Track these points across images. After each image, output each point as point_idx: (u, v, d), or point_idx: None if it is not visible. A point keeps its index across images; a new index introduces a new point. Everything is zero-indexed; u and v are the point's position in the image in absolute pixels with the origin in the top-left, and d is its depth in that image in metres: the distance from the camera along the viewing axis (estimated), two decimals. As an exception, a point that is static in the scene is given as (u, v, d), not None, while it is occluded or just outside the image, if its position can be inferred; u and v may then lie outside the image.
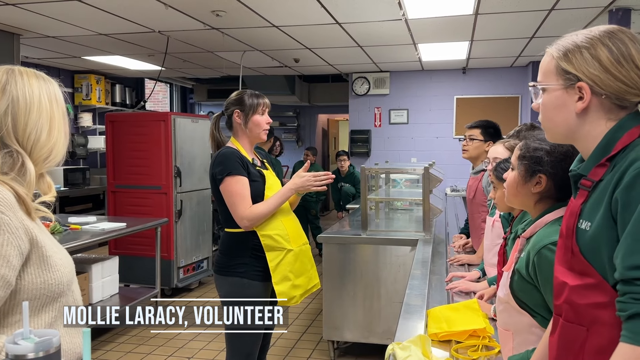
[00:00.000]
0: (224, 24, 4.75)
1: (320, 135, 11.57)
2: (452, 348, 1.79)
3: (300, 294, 2.39)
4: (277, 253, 2.33)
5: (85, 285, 4.22)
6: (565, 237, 1.09)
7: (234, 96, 2.50)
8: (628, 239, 0.94)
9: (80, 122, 7.61)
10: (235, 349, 2.41)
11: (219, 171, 2.32)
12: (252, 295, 2.35)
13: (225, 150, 2.39)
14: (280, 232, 2.36)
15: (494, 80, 7.43)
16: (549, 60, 1.13)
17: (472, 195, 3.09)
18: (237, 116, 2.44)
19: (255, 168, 2.43)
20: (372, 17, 4.57)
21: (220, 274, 2.41)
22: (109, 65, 7.06)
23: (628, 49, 1.04)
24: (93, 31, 5.06)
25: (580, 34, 1.10)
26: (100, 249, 6.81)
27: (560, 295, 1.10)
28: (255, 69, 7.42)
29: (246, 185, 2.32)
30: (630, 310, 0.92)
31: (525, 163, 1.41)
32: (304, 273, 2.41)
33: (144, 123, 5.37)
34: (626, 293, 0.94)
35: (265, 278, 2.36)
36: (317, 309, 4.95)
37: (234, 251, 2.38)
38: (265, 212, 2.32)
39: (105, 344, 4.15)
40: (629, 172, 0.97)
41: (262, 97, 2.48)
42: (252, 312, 2.39)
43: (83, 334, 0.96)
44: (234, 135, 2.50)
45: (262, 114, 2.46)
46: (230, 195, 2.31)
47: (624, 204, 0.97)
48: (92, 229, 4.09)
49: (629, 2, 4.09)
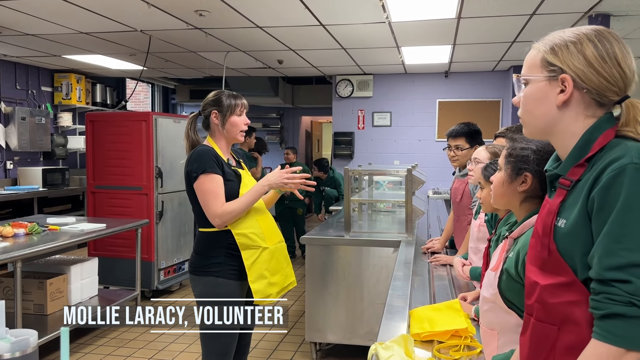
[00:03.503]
0: (207, 23, 4.72)
1: (303, 137, 11.56)
2: (434, 348, 1.79)
3: (277, 291, 2.39)
4: (252, 251, 2.32)
5: (64, 287, 4.15)
6: (541, 235, 1.10)
7: (212, 96, 2.47)
8: (605, 240, 0.96)
9: (59, 122, 7.49)
10: (210, 349, 2.40)
11: (194, 169, 2.31)
12: (227, 294, 2.33)
13: (200, 148, 2.37)
14: (255, 230, 2.34)
15: (476, 84, 7.51)
16: (534, 53, 1.15)
17: (459, 198, 3.11)
18: (215, 117, 2.42)
19: (231, 168, 2.41)
20: (356, 20, 4.58)
21: (195, 274, 2.39)
22: (89, 64, 6.96)
23: (612, 48, 1.07)
24: (74, 29, 4.99)
25: (568, 31, 1.12)
26: (79, 250, 6.71)
27: (532, 295, 1.12)
28: (238, 69, 7.39)
29: (220, 183, 2.31)
30: (605, 310, 0.95)
31: (512, 161, 1.44)
32: (279, 271, 2.41)
33: (124, 123, 5.30)
34: (601, 292, 0.96)
35: (240, 277, 2.35)
36: (300, 310, 4.94)
37: (208, 251, 2.36)
38: (238, 210, 2.30)
39: (84, 346, 4.08)
40: (607, 172, 0.99)
41: (240, 98, 2.47)
42: (227, 311, 2.36)
43: (61, 333, 0.94)
44: (210, 136, 2.48)
45: (239, 114, 2.44)
46: (203, 193, 2.29)
47: (600, 204, 0.99)
48: (71, 229, 4.03)
49: (608, 8, 4.17)
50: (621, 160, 0.99)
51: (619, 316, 0.93)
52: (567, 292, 1.04)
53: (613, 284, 0.94)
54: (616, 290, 0.94)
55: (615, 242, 0.95)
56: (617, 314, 0.93)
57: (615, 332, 0.93)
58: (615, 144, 1.04)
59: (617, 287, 0.94)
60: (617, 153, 1.01)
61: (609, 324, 0.94)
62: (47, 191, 6.61)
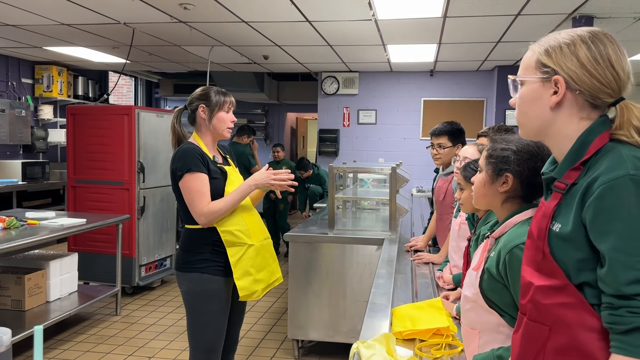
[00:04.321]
0: (191, 17, 4.67)
1: (288, 134, 11.52)
2: (416, 346, 1.80)
3: (262, 288, 2.41)
4: (238, 248, 2.33)
5: (43, 283, 4.08)
6: (536, 238, 1.11)
7: (200, 91, 2.47)
8: (618, 255, 0.95)
9: (40, 115, 7.37)
10: (197, 345, 2.39)
11: (179, 167, 2.30)
12: (213, 290, 2.34)
13: (186, 146, 2.36)
14: (241, 227, 2.35)
15: (461, 84, 7.55)
16: (530, 55, 1.15)
17: (442, 197, 3.12)
18: (202, 111, 2.42)
19: (217, 165, 2.40)
20: (343, 17, 4.57)
21: (181, 270, 2.39)
22: (71, 56, 6.85)
23: (606, 49, 1.07)
24: (55, 21, 4.90)
25: (564, 32, 1.12)
26: (59, 246, 6.61)
27: (526, 294, 1.12)
28: (223, 64, 7.33)
29: (205, 182, 2.30)
30: (630, 324, 0.93)
31: (493, 162, 1.44)
32: (265, 267, 2.42)
33: (106, 117, 5.23)
34: (622, 307, 0.95)
35: (226, 273, 2.35)
36: (282, 308, 4.93)
37: (194, 247, 2.36)
38: (223, 209, 2.31)
39: (62, 342, 4.02)
40: (601, 182, 0.98)
41: (228, 95, 2.47)
42: (213, 306, 2.33)
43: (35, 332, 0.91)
44: (196, 131, 2.47)
45: (227, 111, 2.45)
46: (188, 192, 2.30)
47: (597, 215, 0.98)
48: (51, 224, 3.96)
49: (591, 10, 4.21)
50: (616, 171, 0.98)
51: None
52: (560, 295, 1.04)
53: (635, 298, 0.93)
54: (638, 304, 0.93)
55: (628, 255, 0.94)
56: None
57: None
58: (610, 148, 1.03)
59: (639, 301, 0.93)
60: (611, 161, 1.00)
61: (634, 337, 0.93)
62: (26, 185, 6.49)
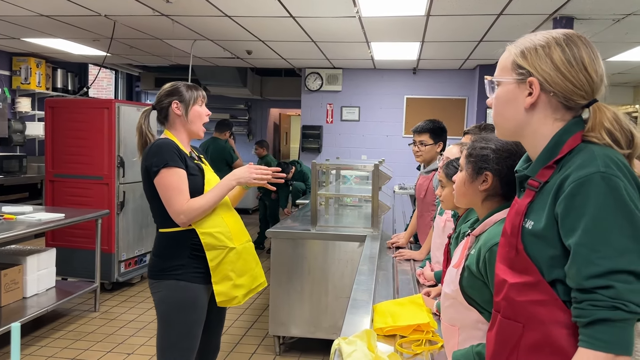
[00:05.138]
0: (174, 11, 4.62)
1: (271, 130, 11.48)
2: (397, 342, 1.81)
3: (243, 294, 2.24)
4: (218, 252, 2.17)
5: (20, 278, 4.01)
6: (509, 235, 1.12)
7: (169, 87, 2.30)
8: (582, 250, 0.97)
9: (17, 107, 7.22)
10: (170, 358, 2.20)
11: (154, 162, 2.13)
12: (191, 298, 2.18)
13: (161, 140, 2.20)
14: (222, 229, 2.19)
15: (443, 82, 7.60)
16: (506, 56, 1.17)
17: (423, 195, 3.14)
18: (176, 107, 2.26)
19: (194, 162, 2.26)
20: (327, 13, 4.56)
21: (155, 278, 2.20)
22: (50, 48, 6.72)
23: (580, 52, 1.09)
24: (33, 12, 4.80)
25: (540, 34, 1.14)
26: (36, 241, 6.50)
27: (500, 292, 1.13)
28: (206, 58, 7.27)
29: (184, 178, 2.15)
30: (590, 316, 0.95)
31: (472, 161, 1.46)
32: (247, 272, 2.26)
33: (86, 110, 5.14)
34: (584, 300, 0.97)
35: (206, 280, 2.19)
36: (264, 304, 4.92)
37: (170, 252, 2.18)
38: (205, 207, 2.15)
39: (40, 339, 3.96)
40: (573, 179, 1.00)
41: (198, 89, 2.33)
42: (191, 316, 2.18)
43: (12, 330, 0.90)
44: (168, 129, 2.30)
45: (201, 105, 2.32)
46: (166, 189, 2.12)
47: (567, 212, 1.00)
48: (28, 219, 3.89)
49: (572, 11, 4.27)
50: (587, 168, 1.00)
51: (605, 321, 0.94)
52: (533, 292, 1.06)
53: (595, 291, 0.95)
54: (599, 297, 0.95)
55: (591, 251, 0.96)
56: (603, 319, 0.94)
57: (603, 338, 0.94)
58: (583, 148, 1.05)
59: (599, 294, 0.95)
60: (582, 159, 1.02)
61: (596, 330, 0.95)
62: (3, 179, 6.37)
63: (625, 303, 0.93)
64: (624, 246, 0.95)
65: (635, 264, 0.95)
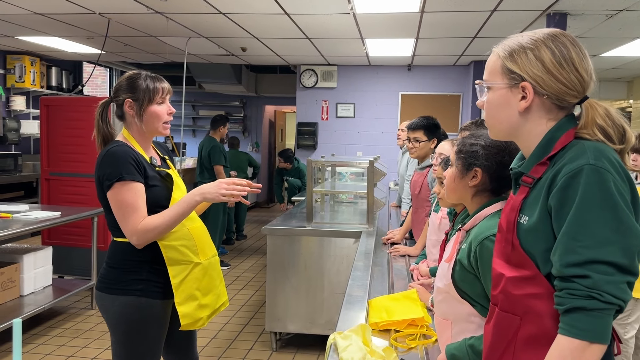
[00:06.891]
0: (168, 8, 4.61)
1: (267, 127, 11.48)
2: (392, 337, 1.83)
3: (208, 314, 2.02)
4: (182, 267, 1.92)
5: (16, 277, 4.01)
6: (505, 231, 1.15)
7: (125, 80, 2.00)
8: (564, 238, 1.00)
9: (12, 106, 7.20)
10: None
11: (107, 175, 1.87)
12: (151, 316, 1.94)
13: (115, 148, 1.91)
14: (187, 242, 1.95)
15: (438, 78, 7.62)
16: (495, 59, 1.17)
17: (418, 191, 3.17)
18: (129, 106, 1.97)
19: (155, 169, 1.98)
20: (321, 10, 4.57)
21: (109, 292, 1.93)
22: (44, 46, 6.70)
23: (569, 52, 1.10)
24: (28, 10, 4.79)
25: (526, 36, 1.15)
26: (33, 239, 6.50)
27: (497, 285, 1.16)
28: (200, 56, 7.26)
29: (140, 193, 1.88)
30: (567, 304, 0.99)
31: (462, 157, 1.48)
32: (212, 290, 2.03)
33: (81, 108, 5.13)
34: (563, 289, 1.00)
35: (166, 295, 1.95)
36: (260, 300, 4.94)
37: (127, 264, 1.94)
38: (161, 227, 1.87)
39: (37, 337, 3.97)
40: (564, 173, 1.03)
41: (161, 81, 2.01)
42: (152, 333, 1.98)
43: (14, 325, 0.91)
44: (126, 127, 2.02)
45: (161, 102, 1.99)
46: (119, 206, 1.87)
47: (559, 204, 1.03)
48: (24, 217, 3.90)
49: (565, 7, 4.29)
50: (577, 161, 1.02)
51: (580, 310, 0.97)
52: (530, 285, 1.08)
53: (573, 280, 0.98)
54: (576, 286, 0.98)
55: (573, 240, 0.99)
56: (579, 307, 0.97)
57: (578, 326, 0.97)
58: (575, 144, 1.07)
59: (577, 283, 0.98)
60: (574, 153, 1.05)
61: (572, 318, 0.98)
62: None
63: (601, 293, 0.96)
64: (605, 237, 0.98)
65: (615, 255, 0.97)
